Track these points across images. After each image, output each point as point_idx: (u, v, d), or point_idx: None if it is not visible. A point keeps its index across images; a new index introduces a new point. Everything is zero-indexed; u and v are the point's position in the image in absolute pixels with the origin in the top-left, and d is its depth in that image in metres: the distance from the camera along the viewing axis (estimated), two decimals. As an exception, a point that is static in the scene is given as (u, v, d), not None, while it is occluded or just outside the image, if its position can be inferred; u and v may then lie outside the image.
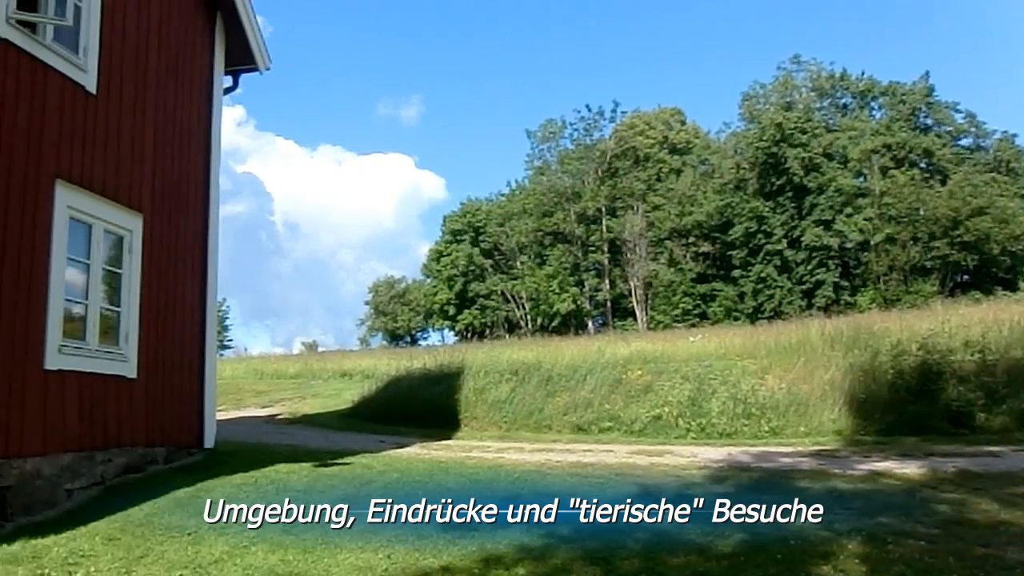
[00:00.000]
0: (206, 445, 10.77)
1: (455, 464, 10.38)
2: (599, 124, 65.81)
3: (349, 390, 24.31)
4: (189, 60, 10.93)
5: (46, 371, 7.94)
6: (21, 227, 7.75)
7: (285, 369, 34.52)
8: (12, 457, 7.49)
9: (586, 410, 16.67)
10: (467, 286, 67.04)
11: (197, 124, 11.08)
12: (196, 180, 10.98)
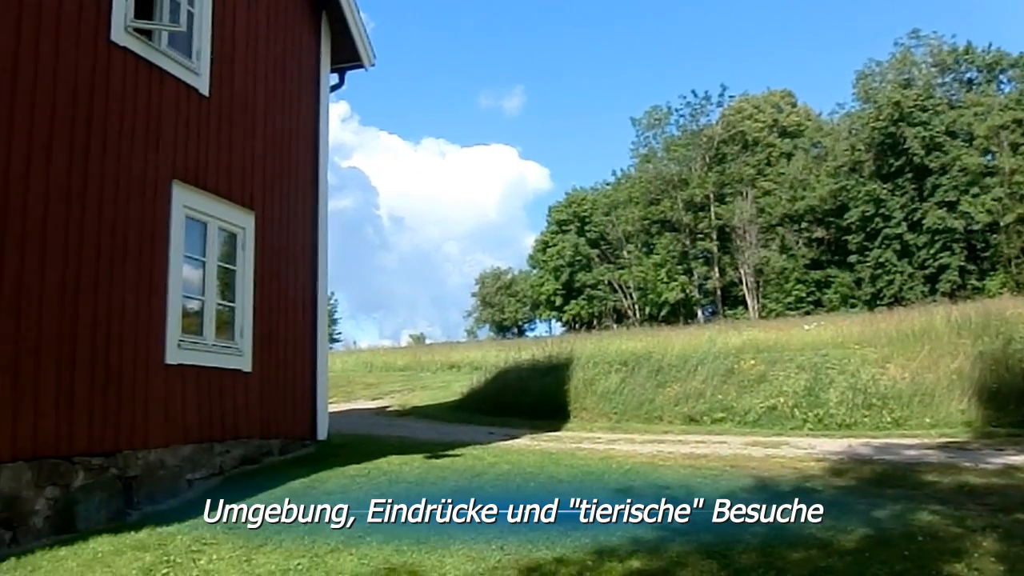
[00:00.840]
0: (319, 437, 11.04)
1: (566, 455, 10.31)
2: (706, 109, 64.62)
3: (458, 382, 24.59)
4: (296, 60, 11.19)
5: (167, 366, 8.26)
6: (141, 227, 8.06)
7: (394, 362, 35.22)
8: (137, 448, 7.84)
9: (698, 400, 16.39)
10: (573, 276, 66.93)
11: (305, 122, 11.33)
12: (305, 177, 11.23)
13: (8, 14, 6.79)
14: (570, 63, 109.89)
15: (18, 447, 6.61)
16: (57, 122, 7.17)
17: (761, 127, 62.12)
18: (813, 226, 56.39)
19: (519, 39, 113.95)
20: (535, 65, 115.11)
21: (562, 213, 69.50)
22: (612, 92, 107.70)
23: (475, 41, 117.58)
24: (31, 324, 6.79)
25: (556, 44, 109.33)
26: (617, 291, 64.20)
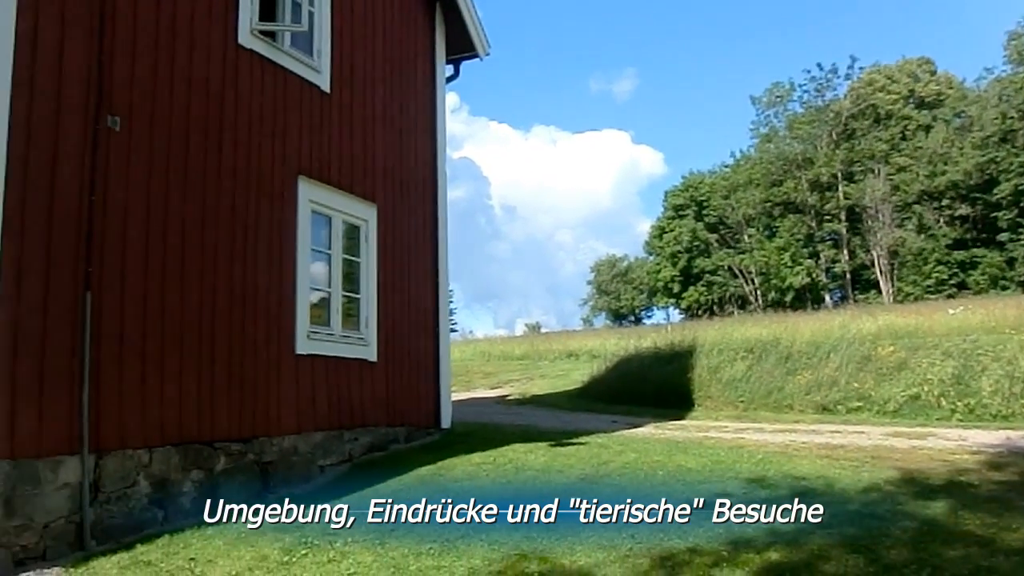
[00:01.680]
0: (443, 425, 11.42)
1: (693, 444, 10.32)
2: (832, 83, 62.31)
3: (576, 371, 24.74)
4: (412, 53, 11.56)
5: (298, 356, 8.76)
6: (271, 222, 8.57)
7: (511, 351, 35.62)
8: (272, 435, 8.37)
9: (831, 389, 16.02)
10: (692, 262, 66.06)
11: (422, 115, 11.71)
12: (424, 169, 11.62)
13: (147, 25, 7.35)
14: (683, 42, 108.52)
15: (166, 433, 7.18)
16: (192, 125, 7.72)
17: (895, 99, 59.45)
18: (956, 203, 53.57)
19: (629, 20, 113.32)
20: (647, 46, 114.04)
21: (679, 198, 68.62)
22: (728, 71, 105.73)
23: (584, 25, 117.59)
24: (174, 317, 7.35)
25: (668, 23, 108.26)
26: (738, 276, 62.99)
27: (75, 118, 6.60)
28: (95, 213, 6.65)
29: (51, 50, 6.46)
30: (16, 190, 6.07)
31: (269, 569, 5.68)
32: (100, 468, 6.57)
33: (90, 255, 6.58)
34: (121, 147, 6.94)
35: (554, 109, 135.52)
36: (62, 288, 6.39)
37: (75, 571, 5.73)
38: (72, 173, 6.54)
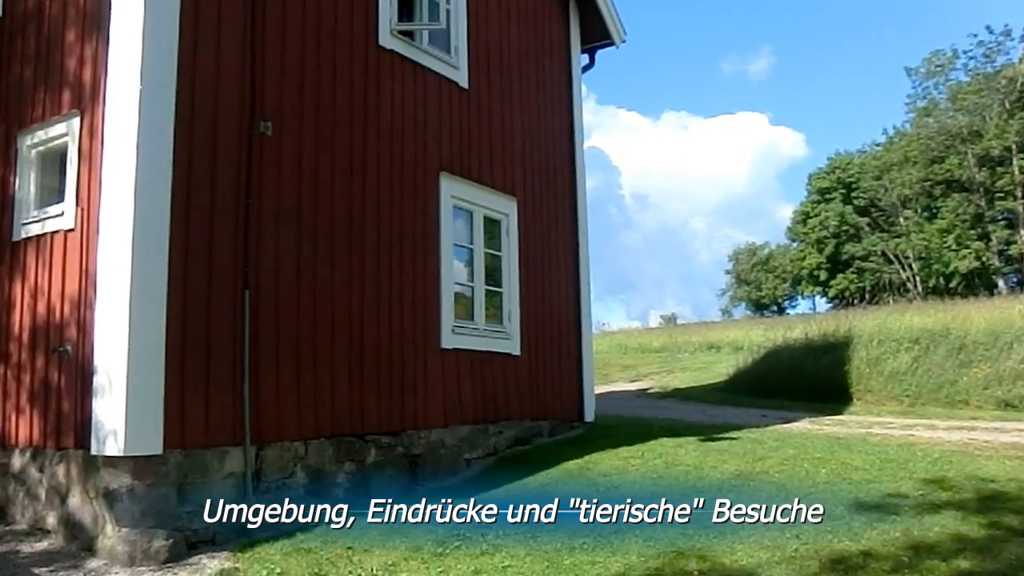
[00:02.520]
0: (586, 419, 11.57)
1: (856, 441, 10.06)
2: (1004, 47, 58.00)
3: (719, 363, 24.36)
4: (547, 45, 11.74)
5: (443, 350, 9.09)
6: (414, 218, 8.92)
7: (649, 343, 35.38)
8: (420, 429, 8.71)
9: (1015, 383, 15.18)
10: (840, 248, 63.61)
11: (559, 106, 11.89)
12: (562, 161, 11.79)
13: (294, 32, 7.78)
14: (822, 15, 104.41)
15: (320, 426, 7.61)
16: (338, 127, 8.12)
17: (1080, 59, 55.13)
18: None
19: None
20: (782, 22, 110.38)
21: (824, 180, 66.14)
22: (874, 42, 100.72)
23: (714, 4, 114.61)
24: (326, 313, 7.77)
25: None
26: (893, 262, 60.19)
27: (231, 123, 7.07)
28: (251, 215, 7.10)
29: (209, 59, 6.94)
30: (181, 194, 6.56)
31: (423, 560, 5.93)
32: (261, 459, 7.04)
33: (247, 255, 7.04)
34: (273, 150, 7.39)
35: (685, 94, 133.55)
36: (223, 287, 6.86)
37: (242, 555, 6.12)
38: (230, 176, 7.01)
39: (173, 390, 6.35)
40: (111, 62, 6.62)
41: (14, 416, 7.15)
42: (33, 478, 6.95)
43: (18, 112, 7.62)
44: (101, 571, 5.88)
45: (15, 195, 7.50)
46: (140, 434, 6.10)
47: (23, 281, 7.26)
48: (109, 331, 6.25)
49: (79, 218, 6.79)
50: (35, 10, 7.64)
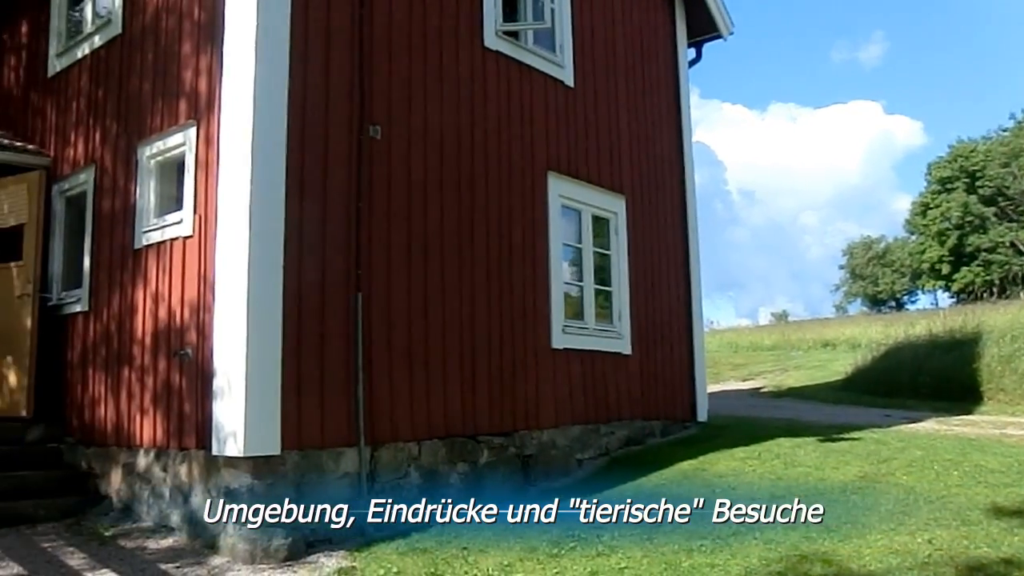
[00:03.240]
0: (699, 418, 11.29)
1: (990, 442, 9.49)
2: None
3: (835, 361, 23.53)
4: (653, 40, 11.50)
5: (553, 350, 8.98)
6: (523, 218, 8.84)
7: (760, 341, 34.44)
8: (531, 429, 8.61)
9: None
10: (963, 240, 60.66)
11: (666, 102, 11.65)
12: (670, 158, 11.54)
13: (401, 36, 7.79)
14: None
15: (433, 427, 7.59)
16: (445, 129, 8.10)
17: None
18: None
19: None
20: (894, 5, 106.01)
21: (945, 170, 63.20)
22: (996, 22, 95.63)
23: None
24: (437, 315, 7.74)
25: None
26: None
27: (341, 129, 7.12)
28: (362, 219, 7.13)
29: (319, 66, 7.01)
30: (294, 200, 6.63)
31: (539, 560, 5.81)
32: (375, 459, 7.05)
33: (359, 259, 7.06)
34: (382, 154, 7.40)
35: (792, 85, 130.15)
36: (336, 291, 6.91)
37: (358, 554, 6.13)
38: (341, 181, 7.06)
39: (289, 392, 6.41)
40: (225, 72, 6.74)
41: (138, 417, 7.35)
42: (157, 477, 7.13)
43: (138, 124, 7.84)
44: (224, 568, 5.96)
45: (136, 204, 7.71)
46: (259, 435, 6.19)
47: (145, 287, 7.46)
48: (228, 335, 6.36)
49: (197, 225, 6.93)
50: (152, 25, 7.86)
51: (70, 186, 8.70)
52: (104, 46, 8.44)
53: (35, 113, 9.51)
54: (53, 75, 9.20)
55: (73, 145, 8.74)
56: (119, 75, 8.20)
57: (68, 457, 8.08)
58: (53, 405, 8.32)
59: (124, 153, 7.95)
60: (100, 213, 8.18)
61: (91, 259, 8.18)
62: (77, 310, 8.28)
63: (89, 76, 8.66)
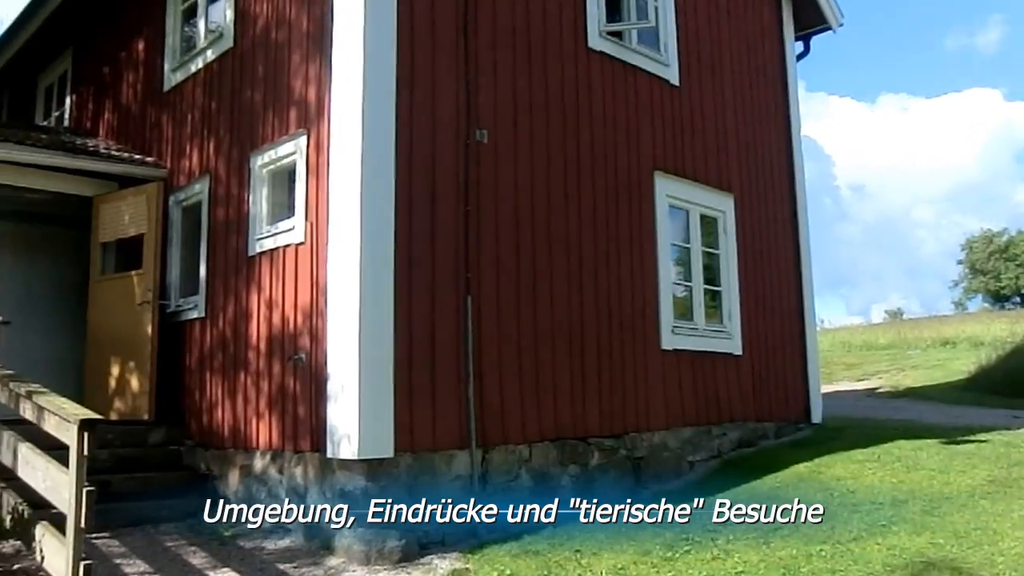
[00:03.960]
0: (814, 420, 11.02)
1: None
2: None
3: (956, 360, 22.63)
4: (759, 34, 11.32)
5: (663, 351, 8.91)
6: (630, 219, 8.80)
7: (874, 340, 33.34)
8: (642, 431, 8.56)
9: None
10: (1093, 232, 57.57)
11: (774, 97, 11.44)
12: (778, 154, 11.33)
13: (505, 40, 7.85)
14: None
15: (543, 429, 7.61)
16: (551, 132, 8.13)
17: None
18: None
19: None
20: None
21: (1073, 156, 60.08)
22: None
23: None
24: (545, 317, 7.78)
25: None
26: None
27: (448, 134, 7.21)
28: (470, 222, 7.21)
29: (425, 71, 7.12)
30: (404, 205, 6.76)
31: (653, 564, 5.76)
32: (487, 462, 7.11)
33: (468, 262, 7.14)
34: (488, 158, 7.47)
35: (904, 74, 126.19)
36: (446, 294, 7.00)
37: (471, 556, 6.19)
38: (448, 186, 7.15)
39: (402, 395, 6.52)
40: (334, 81, 6.90)
41: (254, 420, 7.58)
42: (273, 479, 7.34)
43: (250, 134, 8.09)
44: (340, 569, 6.09)
45: (249, 212, 7.95)
46: (372, 438, 6.31)
47: (258, 293, 7.68)
48: (340, 340, 6.50)
49: (308, 232, 7.10)
50: (262, 37, 8.11)
51: (186, 196, 9.03)
52: (216, 60, 8.75)
53: (152, 127, 9.93)
54: (168, 89, 9.59)
55: (188, 156, 9.08)
56: (231, 87, 8.49)
57: (188, 459, 8.37)
58: (172, 409, 8.64)
59: (237, 163, 8.21)
60: (215, 222, 8.47)
61: (207, 266, 8.47)
62: (194, 316, 8.58)
63: (203, 89, 8.99)
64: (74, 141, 10.10)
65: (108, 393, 8.89)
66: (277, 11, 7.91)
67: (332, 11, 7.04)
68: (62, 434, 4.96)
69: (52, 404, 5.21)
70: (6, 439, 5.80)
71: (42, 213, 10.45)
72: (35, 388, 5.65)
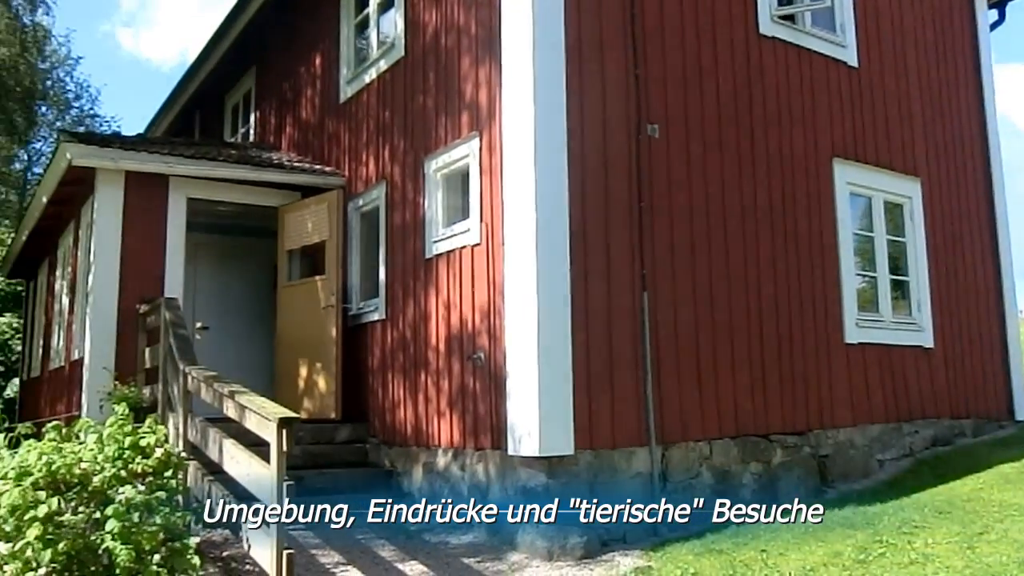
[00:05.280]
0: (1018, 417, 10.45)
1: None
2: None
3: None
4: (946, 4, 10.81)
5: (847, 345, 8.66)
6: (808, 208, 8.61)
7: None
8: (826, 428, 8.35)
9: None
10: None
11: (963, 72, 10.86)
12: (970, 133, 10.77)
13: (673, 31, 7.87)
14: None
15: (723, 426, 7.57)
16: (723, 123, 8.08)
17: None
18: None
19: None
20: None
21: None
22: None
23: None
24: (723, 312, 7.73)
25: None
26: None
27: (619, 130, 7.29)
28: (643, 218, 7.26)
29: (594, 68, 7.21)
30: (577, 203, 6.88)
31: (844, 567, 5.61)
32: (666, 459, 7.13)
33: (643, 258, 7.20)
34: (660, 153, 7.50)
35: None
36: (621, 291, 7.07)
37: (653, 554, 6.22)
38: (621, 181, 7.22)
39: (581, 392, 6.64)
40: (505, 83, 7.10)
41: (436, 419, 7.87)
42: (455, 475, 7.60)
43: (423, 139, 8.41)
44: (523, 564, 6.25)
45: (425, 215, 8.27)
46: (553, 435, 6.45)
47: (437, 294, 7.97)
48: (519, 338, 6.68)
49: (484, 233, 7.32)
50: (432, 44, 8.42)
51: (364, 202, 9.48)
52: (389, 69, 9.15)
53: (330, 137, 10.49)
54: (344, 101, 10.11)
55: (365, 164, 9.54)
56: (404, 95, 8.86)
57: (372, 456, 8.80)
58: (356, 408, 9.10)
59: (412, 168, 8.56)
60: (392, 226, 8.86)
61: (386, 270, 8.88)
62: (375, 319, 9.00)
63: (377, 98, 9.43)
64: (260, 155, 10.81)
65: (297, 393, 9.46)
66: (446, 18, 8.20)
67: (500, 14, 7.25)
68: (262, 431, 5.35)
69: (253, 403, 5.63)
70: (212, 435, 6.30)
71: (231, 224, 11.31)
72: (236, 388, 6.10)
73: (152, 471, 5.20)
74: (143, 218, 9.10)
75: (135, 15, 64.93)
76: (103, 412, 7.38)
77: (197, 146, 10.84)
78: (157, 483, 5.15)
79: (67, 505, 4.73)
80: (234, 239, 11.63)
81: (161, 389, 7.84)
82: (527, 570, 6.14)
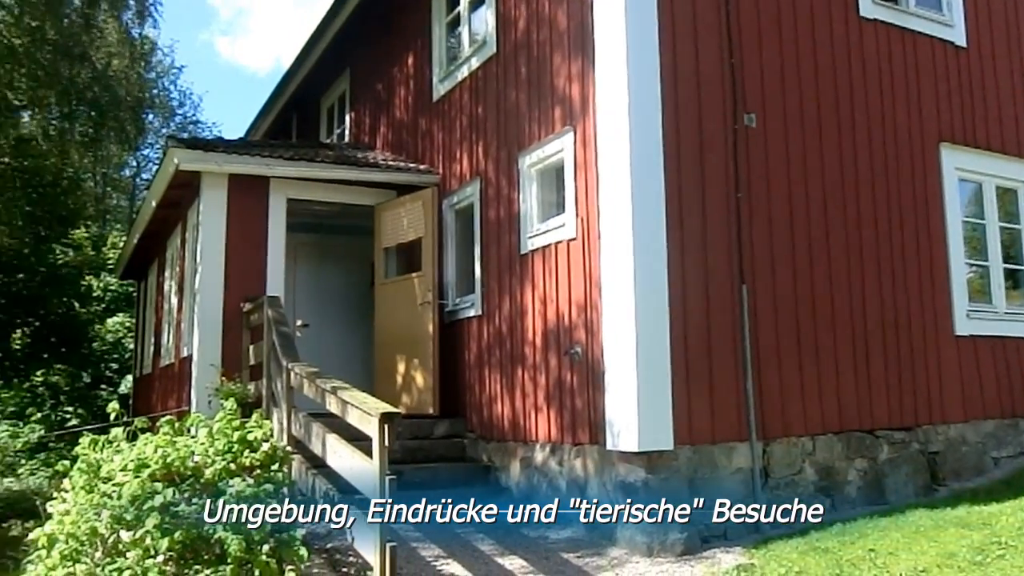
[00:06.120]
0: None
1: None
2: None
3: None
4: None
5: (957, 337, 8.36)
6: (913, 196, 8.33)
7: None
8: (935, 423, 8.08)
9: None
10: None
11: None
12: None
13: (769, 18, 7.71)
14: None
15: (826, 421, 7.39)
16: (823, 109, 7.87)
17: None
18: None
19: None
20: None
21: None
22: None
23: None
24: (824, 304, 7.55)
25: None
26: None
27: (715, 120, 7.18)
28: (741, 209, 7.14)
29: (688, 60, 7.11)
30: (674, 195, 6.80)
31: (960, 568, 5.40)
32: (768, 455, 7.01)
33: (741, 250, 7.09)
34: (758, 143, 7.36)
35: None
36: (720, 284, 6.97)
37: (755, 552, 6.12)
38: (718, 173, 7.11)
39: (679, 386, 6.57)
40: (598, 76, 7.06)
41: (533, 414, 7.88)
42: (553, 471, 7.60)
43: (516, 135, 8.43)
44: (623, 560, 6.22)
45: (520, 211, 8.29)
46: (652, 430, 6.39)
47: (532, 289, 7.99)
48: (616, 333, 6.64)
49: (580, 227, 7.30)
50: (523, 40, 8.43)
51: (458, 199, 9.56)
52: (481, 66, 9.20)
53: (423, 135, 10.62)
54: (437, 99, 10.21)
55: (459, 161, 9.62)
56: (496, 91, 8.90)
57: (470, 451, 8.88)
58: (453, 403, 9.19)
59: (505, 164, 8.60)
60: (487, 222, 8.91)
61: (481, 266, 8.93)
62: (471, 314, 9.08)
63: (469, 95, 9.50)
64: (355, 155, 11.00)
65: (396, 388, 9.60)
66: (537, 13, 8.20)
67: (592, 6, 7.21)
68: (364, 426, 5.44)
69: (355, 399, 5.73)
70: (315, 430, 6.45)
71: (328, 224, 11.54)
72: (338, 384, 6.22)
73: (259, 464, 5.35)
74: (246, 219, 9.37)
75: (232, 24, 66.87)
76: (211, 407, 7.62)
77: (295, 148, 11.09)
78: (264, 476, 5.30)
79: (181, 496, 4.91)
80: (332, 238, 11.88)
81: (265, 385, 8.06)
82: (627, 566, 6.10)
